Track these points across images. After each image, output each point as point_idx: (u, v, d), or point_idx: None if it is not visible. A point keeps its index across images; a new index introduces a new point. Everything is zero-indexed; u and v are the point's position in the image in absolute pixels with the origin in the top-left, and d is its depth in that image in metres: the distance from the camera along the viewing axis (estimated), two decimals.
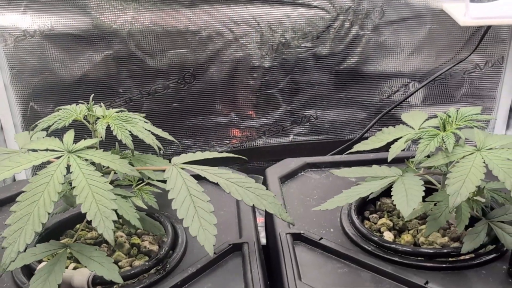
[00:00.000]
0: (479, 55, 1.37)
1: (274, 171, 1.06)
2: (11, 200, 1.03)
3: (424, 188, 0.75)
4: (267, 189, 0.78)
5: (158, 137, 0.85)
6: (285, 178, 1.06)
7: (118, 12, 1.28)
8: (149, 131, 0.83)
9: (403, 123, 1.07)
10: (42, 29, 1.27)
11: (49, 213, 0.68)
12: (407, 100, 1.43)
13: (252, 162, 1.51)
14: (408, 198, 0.73)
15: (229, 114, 1.45)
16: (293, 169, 1.07)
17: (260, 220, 1.13)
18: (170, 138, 0.90)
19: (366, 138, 1.24)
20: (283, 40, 1.37)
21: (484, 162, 0.75)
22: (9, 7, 1.24)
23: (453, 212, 0.78)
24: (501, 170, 0.73)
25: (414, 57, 1.40)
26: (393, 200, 0.76)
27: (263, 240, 1.06)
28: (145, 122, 0.87)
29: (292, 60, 1.40)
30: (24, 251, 0.69)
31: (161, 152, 0.84)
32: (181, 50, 1.35)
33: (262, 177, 1.21)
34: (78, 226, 0.93)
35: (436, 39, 1.37)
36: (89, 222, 0.79)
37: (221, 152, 1.32)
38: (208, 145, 1.46)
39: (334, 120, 1.49)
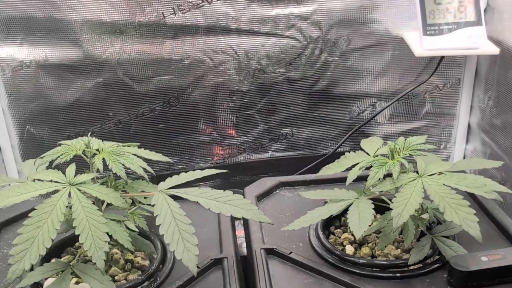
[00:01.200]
0: (438, 78, 1.42)
1: (252, 190, 1.14)
2: (14, 220, 1.11)
3: (373, 212, 0.85)
4: None
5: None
6: (262, 196, 1.13)
7: (107, 44, 1.31)
8: (141, 157, 0.93)
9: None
10: (37, 59, 1.31)
11: (52, 239, 0.76)
12: (375, 118, 1.48)
13: (234, 177, 1.54)
14: (360, 221, 0.83)
15: (212, 133, 1.47)
16: (268, 187, 1.15)
17: (241, 232, 1.23)
18: (164, 159, 0.98)
19: (339, 153, 1.34)
20: (259, 66, 1.40)
21: (424, 188, 0.84)
22: (7, 40, 1.28)
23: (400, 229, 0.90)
24: (437, 194, 0.83)
25: (379, 80, 1.44)
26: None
27: (245, 251, 1.11)
28: (138, 148, 0.97)
29: (268, 84, 1.43)
30: (31, 270, 0.77)
31: (151, 174, 0.92)
32: (165, 77, 1.38)
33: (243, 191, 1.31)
34: (77, 244, 1.02)
35: (399, 63, 1.41)
36: None
37: (204, 168, 1.42)
38: (192, 161, 1.49)
39: (308, 137, 1.53)
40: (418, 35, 1.27)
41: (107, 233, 0.79)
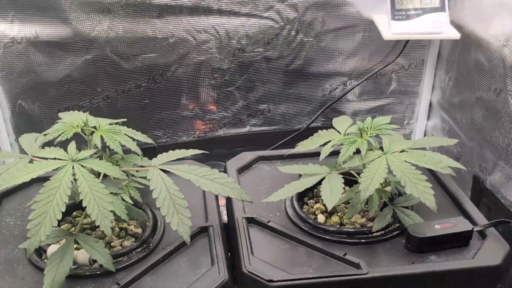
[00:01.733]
0: (404, 59, 1.51)
1: (233, 164, 1.23)
2: (13, 191, 1.16)
3: (343, 186, 0.96)
4: None
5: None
6: (242, 170, 1.22)
7: (96, 22, 1.37)
8: (130, 137, 1.00)
9: (343, 114, 1.28)
10: (28, 36, 1.35)
11: (62, 211, 0.84)
12: (345, 95, 1.57)
13: (215, 149, 1.60)
14: (332, 194, 0.93)
15: (194, 108, 1.55)
16: (248, 161, 1.24)
17: (222, 201, 1.33)
18: (149, 140, 1.05)
19: (312, 128, 1.44)
20: (239, 46, 1.47)
21: (388, 164, 0.94)
22: None
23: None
24: (399, 170, 0.93)
25: (350, 60, 1.53)
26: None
27: (225, 218, 1.19)
28: (127, 129, 1.06)
29: (247, 63, 1.51)
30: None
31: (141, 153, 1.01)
32: (151, 55, 1.44)
33: (224, 164, 1.40)
34: (74, 213, 1.10)
35: (368, 44, 1.50)
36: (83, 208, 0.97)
37: (186, 141, 1.52)
38: (176, 135, 1.57)
39: (284, 112, 1.61)
40: (387, 18, 1.36)
41: None
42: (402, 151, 1.00)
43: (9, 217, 1.11)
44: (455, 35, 1.32)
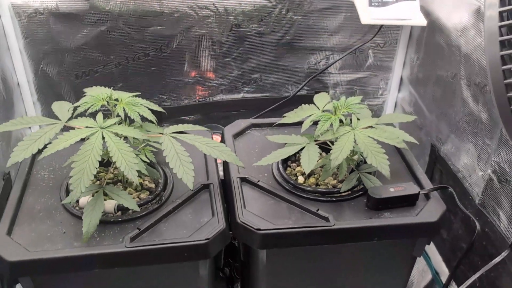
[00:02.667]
0: (380, 37, 1.67)
1: (229, 130, 1.42)
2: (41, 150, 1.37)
3: (318, 155, 1.17)
4: (224, 143, 1.20)
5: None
6: (237, 135, 1.41)
7: None
8: (146, 107, 1.21)
9: (325, 85, 1.49)
10: (49, 8, 1.47)
11: (96, 168, 1.03)
12: (328, 68, 1.73)
13: (212, 112, 1.77)
14: (309, 161, 1.14)
15: (195, 76, 1.68)
16: (242, 128, 1.43)
17: (219, 160, 1.53)
18: (161, 109, 1.23)
19: (298, 96, 1.62)
20: (236, 22, 1.59)
21: (355, 138, 1.16)
22: None
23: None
24: (363, 144, 1.13)
25: (333, 37, 1.67)
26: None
27: (221, 174, 1.40)
28: (143, 100, 1.26)
29: (243, 37, 1.63)
30: None
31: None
32: (158, 27, 1.56)
33: (220, 126, 1.61)
34: (98, 169, 1.32)
35: (349, 24, 1.65)
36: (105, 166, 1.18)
37: (188, 104, 1.69)
38: (179, 99, 1.71)
39: (274, 82, 1.75)
40: (365, 2, 1.51)
41: None
42: (368, 127, 1.22)
43: (43, 171, 1.31)
44: (422, 22, 1.50)
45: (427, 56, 1.60)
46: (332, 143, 1.23)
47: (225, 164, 1.34)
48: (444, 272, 1.54)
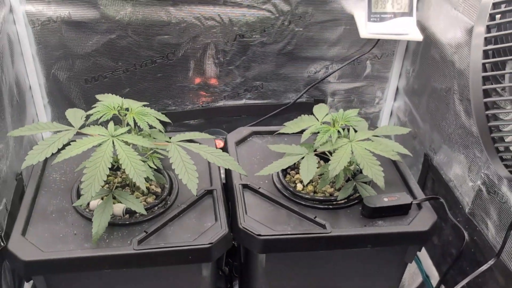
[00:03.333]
0: (378, 49, 1.72)
1: (232, 137, 1.47)
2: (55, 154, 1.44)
3: (317, 166, 1.25)
4: (227, 150, 1.26)
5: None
6: (239, 142, 1.47)
7: (120, 7, 1.53)
8: (155, 117, 1.27)
9: (324, 93, 1.54)
10: (62, 16, 1.53)
11: (107, 174, 1.08)
12: (327, 77, 1.78)
13: (215, 117, 1.82)
14: (308, 171, 1.20)
15: (199, 82, 1.73)
16: (244, 135, 1.48)
17: None
18: (168, 120, 1.28)
19: (298, 103, 1.68)
20: (240, 32, 1.64)
21: (352, 150, 1.21)
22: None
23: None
24: (360, 155, 1.19)
25: (333, 47, 1.72)
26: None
27: (223, 177, 1.45)
28: (152, 110, 1.31)
29: (246, 46, 1.68)
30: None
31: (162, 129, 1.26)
32: (165, 36, 1.61)
33: (222, 130, 1.66)
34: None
35: (348, 36, 1.70)
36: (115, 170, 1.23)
37: (192, 109, 1.74)
38: (183, 104, 1.76)
39: (275, 89, 1.79)
40: (364, 17, 1.58)
41: None
42: (365, 139, 1.28)
43: (54, 173, 1.36)
44: (418, 37, 1.56)
45: (422, 69, 1.66)
46: (330, 153, 1.29)
47: (228, 170, 1.38)
48: (434, 276, 1.61)
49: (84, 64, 1.65)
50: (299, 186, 1.34)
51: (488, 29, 0.91)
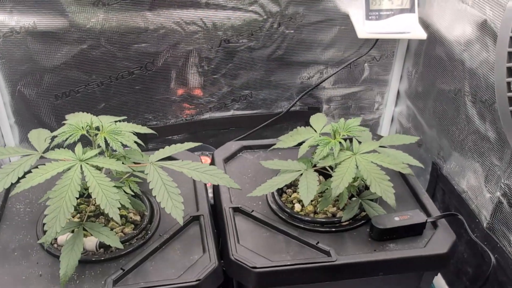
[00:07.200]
0: (376, 50, 1.61)
1: (220, 153, 1.34)
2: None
3: (318, 183, 1.10)
4: None
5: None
6: (228, 159, 1.34)
7: (91, 14, 1.43)
8: (132, 132, 1.12)
9: (319, 100, 1.40)
10: (26, 27, 1.42)
11: (74, 206, 0.95)
12: (322, 83, 1.67)
13: (201, 131, 1.71)
14: (308, 191, 1.06)
15: (182, 94, 1.63)
16: (233, 151, 1.35)
17: (209, 184, 1.44)
18: (150, 131, 1.17)
19: (291, 112, 1.57)
20: (225, 37, 1.55)
21: (356, 164, 1.08)
22: None
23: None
24: (366, 170, 1.06)
25: (327, 50, 1.62)
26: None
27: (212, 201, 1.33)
28: (127, 123, 1.17)
29: (232, 52, 1.59)
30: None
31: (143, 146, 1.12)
32: (143, 44, 1.51)
33: (209, 146, 1.52)
34: (78, 200, 1.22)
35: (344, 37, 1.60)
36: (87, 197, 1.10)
37: (175, 123, 1.62)
38: (165, 118, 1.66)
39: (265, 98, 1.70)
40: (361, 15, 1.46)
41: None
42: (371, 151, 1.14)
43: (18, 204, 1.22)
44: (422, 35, 1.44)
45: (426, 70, 1.53)
46: (332, 168, 1.15)
47: (216, 191, 1.26)
48: None
49: (54, 79, 1.54)
50: (297, 207, 1.21)
51: None
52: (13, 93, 1.53)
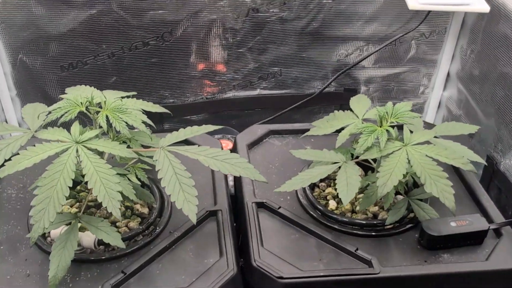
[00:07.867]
0: (426, 25, 1.45)
1: (243, 138, 1.20)
2: None
3: (360, 178, 0.90)
4: None
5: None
6: (252, 145, 1.19)
7: None
8: (141, 110, 0.96)
9: (357, 81, 1.26)
10: None
11: (66, 196, 0.81)
12: (361, 62, 1.53)
13: (223, 111, 1.60)
14: (348, 188, 0.88)
15: (203, 69, 1.52)
16: (259, 136, 1.21)
17: (231, 176, 1.28)
18: (162, 110, 1.04)
19: (324, 93, 1.43)
20: (254, 5, 1.43)
21: (408, 157, 0.90)
22: None
23: None
24: (420, 165, 0.89)
25: (369, 24, 1.48)
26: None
27: (232, 190, 1.19)
28: (137, 100, 1.01)
29: (261, 23, 1.47)
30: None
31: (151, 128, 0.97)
32: (160, 11, 1.40)
33: (234, 130, 1.36)
34: (78, 187, 1.07)
35: (389, 9, 1.45)
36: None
37: (194, 102, 1.48)
38: (183, 96, 1.55)
39: (296, 76, 1.58)
40: None
41: None
42: (425, 143, 0.95)
43: (10, 188, 1.09)
44: (484, 8, 1.27)
45: (485, 49, 1.34)
46: (374, 160, 0.97)
47: (237, 183, 1.10)
48: None
49: (59, 48, 1.42)
50: (332, 204, 1.04)
51: None
52: (14, 62, 1.42)
